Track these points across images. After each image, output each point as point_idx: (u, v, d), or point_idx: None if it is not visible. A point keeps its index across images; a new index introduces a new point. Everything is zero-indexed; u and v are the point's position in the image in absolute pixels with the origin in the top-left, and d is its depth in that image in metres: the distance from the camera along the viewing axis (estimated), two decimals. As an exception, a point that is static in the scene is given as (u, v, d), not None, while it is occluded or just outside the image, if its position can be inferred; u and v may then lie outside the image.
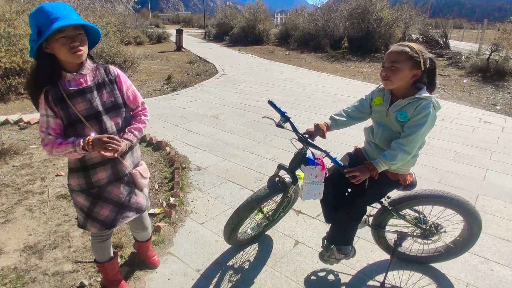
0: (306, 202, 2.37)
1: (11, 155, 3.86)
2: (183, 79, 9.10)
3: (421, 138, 1.72)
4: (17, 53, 6.36)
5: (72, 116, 1.55)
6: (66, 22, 1.41)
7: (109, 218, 1.76)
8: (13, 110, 5.81)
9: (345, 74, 10.66)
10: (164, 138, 4.56)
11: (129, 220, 1.85)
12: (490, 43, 10.31)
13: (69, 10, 1.47)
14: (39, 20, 1.42)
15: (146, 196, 1.95)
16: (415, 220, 2.11)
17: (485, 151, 4.34)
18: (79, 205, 1.73)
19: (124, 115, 1.74)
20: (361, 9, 15.17)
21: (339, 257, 2.10)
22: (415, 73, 1.71)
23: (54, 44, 1.44)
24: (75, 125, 1.57)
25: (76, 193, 1.71)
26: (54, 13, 1.41)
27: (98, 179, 1.69)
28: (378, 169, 1.75)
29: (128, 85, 1.77)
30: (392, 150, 1.73)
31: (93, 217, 1.73)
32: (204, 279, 2.19)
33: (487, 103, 7.20)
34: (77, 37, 1.47)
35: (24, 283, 2.10)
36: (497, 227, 2.74)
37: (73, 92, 1.55)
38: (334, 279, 2.21)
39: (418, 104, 1.69)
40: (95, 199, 1.71)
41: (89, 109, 1.59)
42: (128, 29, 18.46)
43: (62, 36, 1.43)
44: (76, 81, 1.57)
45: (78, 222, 1.81)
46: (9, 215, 2.78)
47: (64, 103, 1.53)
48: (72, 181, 1.68)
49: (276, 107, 2.09)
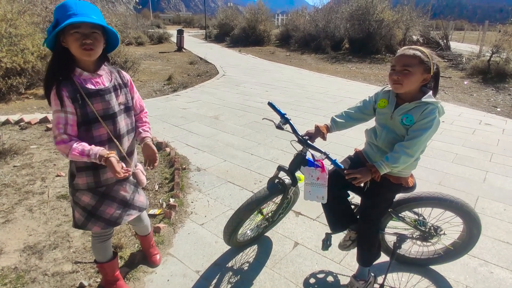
0: (306, 204, 2.37)
1: (12, 155, 3.87)
2: (183, 80, 9.11)
3: (425, 142, 1.71)
4: (18, 53, 6.37)
5: (89, 115, 1.60)
6: (82, 19, 1.46)
7: (114, 216, 1.78)
8: (14, 110, 5.82)
9: (345, 75, 10.67)
10: (164, 138, 4.57)
11: (132, 218, 1.88)
12: (491, 45, 10.30)
13: (90, 9, 1.53)
14: (59, 13, 1.49)
15: (144, 195, 2.00)
16: (414, 222, 2.11)
17: (485, 153, 4.34)
18: (83, 204, 1.73)
19: (133, 118, 1.84)
20: (362, 11, 15.17)
21: (359, 285, 2.06)
22: (426, 77, 1.71)
23: (68, 38, 1.50)
24: (90, 124, 1.61)
25: (81, 192, 1.72)
26: (74, 9, 1.47)
27: (107, 177, 1.72)
28: (381, 171, 1.74)
29: (135, 90, 1.88)
30: (395, 152, 1.72)
31: (97, 215, 1.75)
32: (204, 280, 2.19)
33: (487, 105, 7.20)
34: (91, 35, 1.51)
35: (24, 283, 2.10)
36: (496, 230, 2.74)
37: (93, 92, 1.60)
38: (333, 280, 2.21)
39: (425, 109, 1.68)
40: (102, 198, 1.74)
41: (106, 110, 1.65)
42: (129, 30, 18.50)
43: (76, 32, 1.48)
44: (92, 81, 1.62)
45: (76, 222, 1.79)
46: (9, 215, 2.79)
47: (83, 101, 1.57)
48: (80, 179, 1.69)
49: (276, 108, 2.09)
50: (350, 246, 2.21)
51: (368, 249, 2.05)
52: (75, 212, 1.79)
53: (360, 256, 2.08)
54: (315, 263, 2.34)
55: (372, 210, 1.98)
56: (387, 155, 1.75)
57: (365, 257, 2.07)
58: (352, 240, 2.18)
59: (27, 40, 6.59)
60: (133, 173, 1.86)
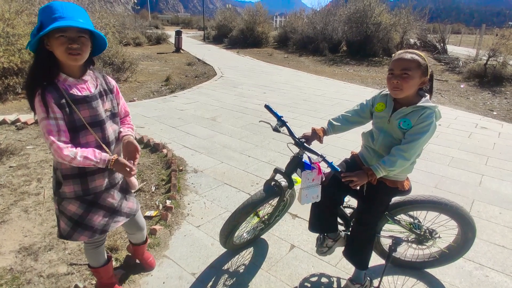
0: (302, 206, 2.37)
1: (8, 156, 3.85)
2: (181, 81, 9.11)
3: (421, 146, 1.72)
4: (16, 53, 6.35)
5: (76, 122, 1.53)
6: (68, 23, 1.40)
7: (101, 224, 1.73)
8: (10, 110, 5.80)
9: (343, 77, 10.70)
10: (161, 140, 4.56)
11: (120, 225, 1.84)
12: (488, 48, 10.37)
13: (77, 12, 1.46)
14: (45, 15, 1.42)
15: (135, 200, 1.95)
16: (409, 226, 2.11)
17: (481, 157, 4.36)
18: (69, 213, 1.67)
19: (118, 123, 1.79)
20: (360, 13, 15.27)
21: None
22: (423, 80, 1.72)
23: (54, 42, 1.43)
24: (78, 132, 1.55)
25: (68, 201, 1.66)
26: (60, 12, 1.41)
27: (95, 185, 1.67)
28: (377, 174, 1.75)
29: (121, 96, 1.83)
30: (392, 156, 1.73)
31: (84, 224, 1.68)
32: (199, 282, 2.18)
33: (483, 108, 7.24)
34: (78, 40, 1.45)
35: (19, 285, 2.09)
36: (492, 233, 2.75)
37: (79, 98, 1.54)
38: (329, 283, 2.21)
39: (423, 113, 1.69)
40: (89, 206, 1.68)
41: (94, 117, 1.59)
42: (127, 30, 18.51)
43: (61, 35, 1.42)
44: (78, 87, 1.56)
45: (61, 233, 1.72)
46: (4, 216, 2.77)
47: (69, 108, 1.51)
48: (67, 188, 1.63)
49: (272, 111, 2.10)
50: (326, 252, 2.24)
51: (361, 252, 2.05)
52: (61, 222, 1.71)
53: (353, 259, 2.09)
54: (311, 266, 2.35)
55: (368, 214, 1.99)
56: (384, 158, 1.76)
57: (357, 260, 2.07)
58: (329, 247, 2.21)
59: (25, 39, 6.55)
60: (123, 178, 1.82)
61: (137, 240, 2.16)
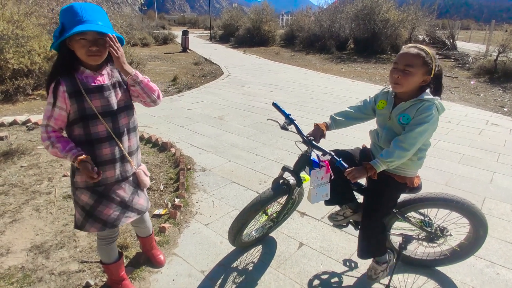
0: (311, 204, 2.37)
1: (19, 156, 3.91)
2: (188, 80, 9.14)
3: (421, 137, 1.70)
4: (25, 55, 6.44)
5: (87, 110, 1.59)
6: (88, 27, 1.48)
7: (112, 217, 1.76)
8: (21, 111, 5.88)
9: (350, 75, 10.64)
10: (169, 139, 4.59)
11: (131, 221, 1.87)
12: (498, 44, 10.22)
13: (97, 14, 1.53)
14: (66, 17, 1.50)
15: (146, 197, 1.97)
16: (420, 223, 2.09)
17: (492, 154, 4.30)
18: (82, 203, 1.72)
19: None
20: (367, 10, 15.13)
21: (383, 268, 2.05)
22: (425, 79, 1.71)
23: (75, 44, 1.52)
24: (87, 120, 1.60)
25: (80, 190, 1.71)
26: (81, 15, 1.48)
27: (106, 177, 1.70)
28: (377, 168, 1.74)
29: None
30: (390, 148, 1.74)
31: (95, 216, 1.73)
32: (209, 280, 2.19)
33: (494, 105, 7.14)
34: (97, 42, 1.53)
35: (30, 283, 2.12)
36: (503, 231, 2.72)
37: (92, 88, 1.60)
38: (338, 281, 2.20)
39: (421, 106, 1.70)
40: (100, 198, 1.72)
41: (105, 107, 1.64)
42: (134, 31, 18.60)
43: (82, 38, 1.50)
44: (93, 78, 1.62)
45: (76, 223, 1.80)
46: (16, 215, 2.82)
47: (81, 97, 1.57)
48: (79, 177, 1.68)
49: (280, 109, 2.10)
50: (340, 221, 2.21)
51: (368, 240, 2.02)
52: (76, 212, 1.79)
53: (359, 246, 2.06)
54: (320, 264, 2.34)
55: (375, 211, 1.97)
56: (382, 151, 1.77)
57: (373, 251, 2.04)
58: (345, 217, 2.17)
59: (34, 41, 6.65)
60: (135, 173, 1.83)
61: (143, 233, 2.21)
